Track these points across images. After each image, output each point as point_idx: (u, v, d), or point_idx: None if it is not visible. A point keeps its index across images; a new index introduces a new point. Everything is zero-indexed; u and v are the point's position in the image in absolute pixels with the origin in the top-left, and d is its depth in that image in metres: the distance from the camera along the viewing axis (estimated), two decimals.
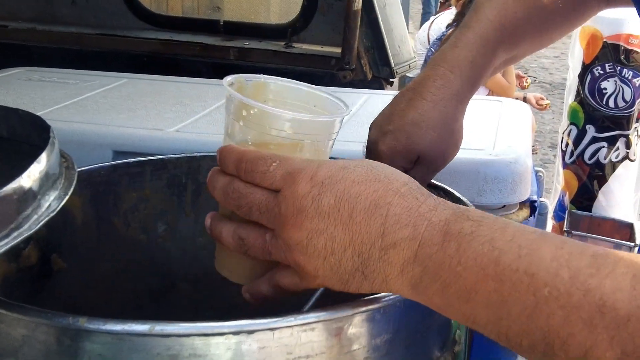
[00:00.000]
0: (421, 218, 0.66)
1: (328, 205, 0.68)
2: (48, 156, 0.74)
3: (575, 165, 3.01)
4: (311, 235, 0.68)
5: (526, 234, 0.63)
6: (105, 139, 1.44)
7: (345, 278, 0.69)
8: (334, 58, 2.26)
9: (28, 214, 0.69)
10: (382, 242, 0.67)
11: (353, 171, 0.70)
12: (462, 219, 0.65)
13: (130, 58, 2.53)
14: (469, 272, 0.62)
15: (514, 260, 0.61)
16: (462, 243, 0.64)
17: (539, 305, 0.59)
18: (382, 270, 0.67)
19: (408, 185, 0.70)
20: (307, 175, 0.69)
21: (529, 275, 0.60)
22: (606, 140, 2.95)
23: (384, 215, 0.67)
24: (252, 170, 0.72)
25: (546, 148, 6.06)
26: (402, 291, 0.68)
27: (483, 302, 0.62)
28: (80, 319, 0.68)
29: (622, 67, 2.88)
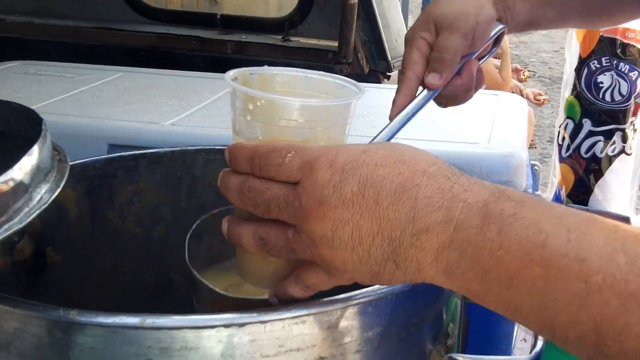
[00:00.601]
0: (455, 199, 0.62)
1: (351, 192, 0.64)
2: (40, 149, 0.74)
3: (571, 159, 3.00)
4: (336, 226, 0.64)
5: (575, 216, 0.59)
6: (100, 133, 1.44)
7: (376, 269, 0.65)
8: (330, 52, 2.26)
9: (19, 207, 0.69)
10: (413, 228, 0.63)
11: (375, 154, 0.66)
12: (503, 200, 0.61)
13: (127, 52, 2.53)
14: (512, 256, 0.59)
15: (562, 244, 0.57)
16: (504, 226, 0.59)
17: (590, 293, 0.55)
18: (415, 258, 0.63)
19: (437, 164, 0.65)
20: (325, 162, 0.65)
21: (579, 261, 0.56)
22: (602, 134, 2.94)
23: (413, 198, 0.63)
24: (266, 164, 0.68)
25: (545, 142, 6.05)
26: (436, 279, 0.64)
27: (527, 289, 0.58)
28: (72, 312, 0.68)
29: (619, 61, 2.87)
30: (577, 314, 0.56)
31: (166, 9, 2.77)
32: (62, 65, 1.96)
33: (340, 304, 0.71)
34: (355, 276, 0.67)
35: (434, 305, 0.83)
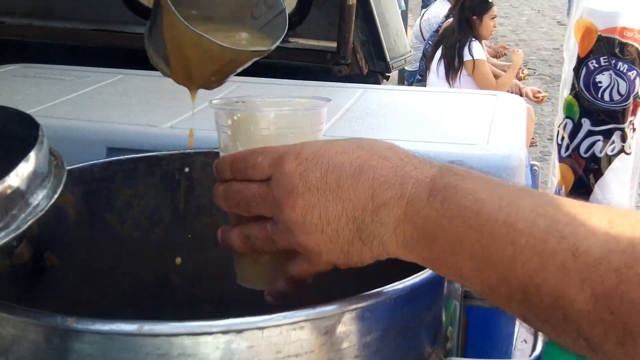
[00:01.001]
0: (407, 176, 0.68)
1: (315, 179, 0.70)
2: (37, 155, 0.74)
3: (571, 159, 3.00)
4: (305, 211, 0.70)
5: (508, 187, 0.65)
6: (98, 136, 1.44)
7: (346, 248, 0.71)
8: (329, 52, 2.26)
9: (16, 214, 0.69)
10: (373, 204, 0.69)
11: (335, 143, 0.73)
12: (448, 174, 0.67)
13: (126, 53, 2.52)
14: (453, 224, 0.64)
15: (494, 211, 0.62)
16: (447, 196, 0.65)
17: (516, 253, 0.60)
18: (377, 233, 0.69)
19: (392, 149, 0.72)
20: (292, 156, 0.72)
21: (507, 225, 0.61)
22: (602, 134, 2.94)
23: (370, 178, 0.69)
24: (243, 167, 0.75)
25: (545, 140, 6.06)
26: (398, 252, 0.69)
27: (467, 253, 0.64)
28: (69, 319, 0.68)
29: (617, 60, 2.86)
30: (506, 273, 0.61)
31: None
32: (61, 68, 1.96)
33: (337, 309, 0.71)
34: (330, 258, 0.72)
35: (432, 308, 0.83)
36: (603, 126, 2.88)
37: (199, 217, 1.18)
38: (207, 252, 1.19)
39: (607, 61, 2.82)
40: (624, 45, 2.82)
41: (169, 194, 1.20)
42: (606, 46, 2.82)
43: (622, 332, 0.55)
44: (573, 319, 0.58)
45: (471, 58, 5.04)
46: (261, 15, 0.93)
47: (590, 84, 2.86)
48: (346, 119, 1.57)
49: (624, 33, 2.79)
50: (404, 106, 1.75)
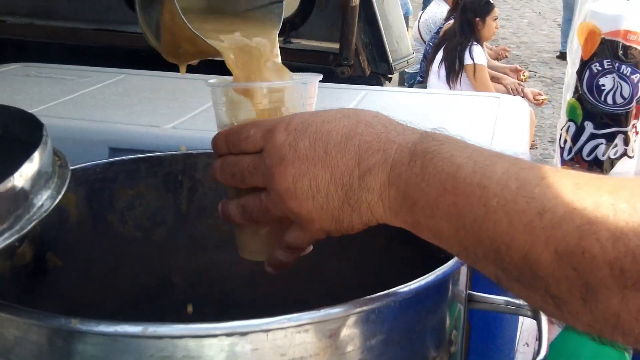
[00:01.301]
0: (390, 142, 0.71)
1: (304, 147, 0.73)
2: (41, 155, 0.74)
3: (573, 162, 2.99)
4: (296, 179, 0.73)
5: (484, 152, 0.67)
6: (101, 136, 1.44)
7: (337, 214, 0.73)
8: (332, 54, 2.26)
9: (20, 214, 0.69)
10: (359, 170, 0.71)
11: (323, 114, 0.75)
12: (428, 140, 0.69)
13: (127, 53, 2.52)
14: (431, 187, 0.67)
15: (468, 174, 0.64)
16: (425, 161, 0.67)
17: (488, 214, 0.62)
18: (365, 198, 0.72)
19: (377, 117, 0.74)
20: (282, 127, 0.75)
21: (481, 188, 0.63)
22: (604, 137, 2.93)
23: (356, 145, 0.72)
24: (237, 140, 0.79)
25: (546, 143, 6.06)
26: (385, 216, 0.72)
27: (444, 216, 0.66)
28: (73, 320, 0.67)
29: (621, 63, 2.86)
30: (479, 233, 0.63)
31: None
32: (62, 67, 1.95)
33: (342, 311, 0.71)
34: (323, 225, 0.75)
35: (437, 311, 0.82)
36: (606, 129, 2.88)
37: (201, 219, 1.18)
38: (209, 254, 1.19)
39: (611, 64, 2.81)
40: (627, 48, 2.81)
41: (171, 194, 1.19)
42: (610, 49, 2.81)
43: (584, 289, 0.57)
44: (540, 276, 0.59)
45: (472, 62, 5.03)
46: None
47: (594, 86, 2.85)
48: None
49: (628, 36, 2.79)
50: (407, 108, 1.75)
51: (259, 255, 0.87)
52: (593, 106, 2.94)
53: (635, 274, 0.54)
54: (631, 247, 0.54)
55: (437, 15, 6.30)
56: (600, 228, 0.56)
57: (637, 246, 0.54)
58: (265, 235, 0.85)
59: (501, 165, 0.64)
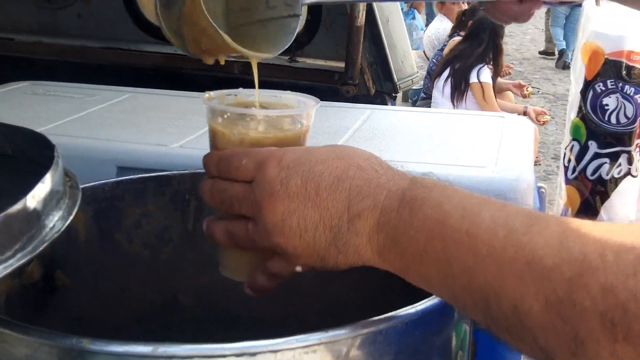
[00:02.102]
0: (380, 188, 0.71)
1: (295, 185, 0.73)
2: (52, 176, 0.75)
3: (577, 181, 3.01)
4: (285, 216, 0.73)
5: (472, 198, 0.67)
6: (109, 155, 1.45)
7: (322, 254, 0.74)
8: (337, 73, 2.27)
9: (32, 234, 0.70)
10: (349, 214, 0.72)
11: (316, 152, 0.76)
12: (417, 187, 0.70)
13: (134, 71, 2.54)
14: (420, 234, 0.67)
15: (457, 221, 0.65)
16: (414, 207, 0.68)
17: (477, 262, 0.62)
18: (352, 242, 0.72)
19: (369, 160, 0.75)
20: (274, 161, 0.75)
21: (469, 235, 0.63)
22: (608, 156, 2.95)
23: (347, 188, 0.72)
24: (228, 167, 0.79)
25: (549, 159, 6.05)
26: (372, 260, 0.72)
27: (433, 263, 0.66)
28: (84, 340, 0.68)
29: (624, 83, 2.88)
30: (469, 281, 0.63)
31: None
32: (70, 85, 1.97)
33: (350, 332, 0.72)
34: (308, 261, 0.76)
35: (443, 332, 0.83)
36: (610, 149, 2.90)
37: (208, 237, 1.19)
38: (216, 272, 1.19)
39: (614, 84, 2.83)
40: (631, 68, 2.83)
41: (178, 213, 1.20)
42: (613, 69, 2.83)
43: (573, 341, 0.56)
44: (529, 327, 0.59)
45: (477, 81, 5.03)
46: (276, 6, 0.94)
47: (597, 106, 2.87)
48: (355, 139, 1.58)
49: (631, 56, 2.81)
50: (412, 127, 1.75)
51: (240, 275, 0.87)
52: (597, 126, 2.96)
53: (625, 327, 0.53)
54: (621, 300, 0.53)
55: (441, 31, 6.32)
56: (589, 280, 0.55)
57: (627, 299, 0.53)
58: (247, 258, 0.85)
59: (489, 211, 0.64)
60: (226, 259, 0.89)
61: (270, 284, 0.83)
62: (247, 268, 0.85)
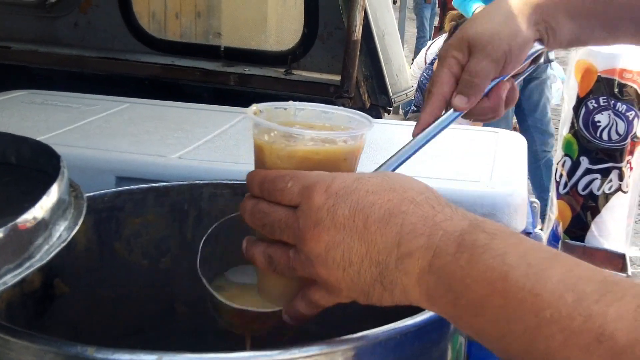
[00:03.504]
0: (436, 227, 0.66)
1: (343, 216, 0.68)
2: (59, 186, 0.76)
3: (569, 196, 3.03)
4: (329, 247, 0.69)
5: (540, 252, 0.62)
6: (108, 165, 1.46)
7: (366, 289, 0.69)
8: (332, 85, 2.28)
9: (40, 244, 0.71)
10: (398, 252, 0.67)
11: (367, 181, 0.71)
12: (478, 231, 0.65)
13: (131, 81, 2.55)
14: (478, 285, 0.62)
15: (521, 277, 0.59)
16: (474, 255, 0.63)
17: (540, 326, 0.57)
18: (400, 281, 0.67)
19: (424, 194, 0.70)
20: (322, 187, 0.70)
21: (533, 295, 0.58)
22: (600, 172, 2.97)
23: (399, 224, 0.67)
24: (272, 189, 0.74)
25: None
26: (420, 302, 0.68)
27: (490, 318, 0.61)
28: (89, 349, 0.69)
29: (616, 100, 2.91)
30: (529, 344, 0.58)
31: (171, 40, 2.80)
32: (68, 95, 1.97)
33: (350, 344, 0.73)
34: (350, 294, 0.71)
35: (440, 344, 0.84)
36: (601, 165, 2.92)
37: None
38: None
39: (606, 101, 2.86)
40: (623, 86, 2.86)
41: (177, 224, 1.21)
42: (605, 86, 2.86)
43: None
44: None
45: None
46: None
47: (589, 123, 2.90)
48: None
49: (624, 74, 2.84)
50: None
51: (277, 301, 0.83)
52: (589, 142, 2.99)
53: None
54: None
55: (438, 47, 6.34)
56: None
57: None
58: (288, 284, 0.81)
59: (557, 270, 0.59)
60: (264, 283, 0.85)
61: (309, 312, 0.78)
62: (286, 295, 0.81)
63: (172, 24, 2.95)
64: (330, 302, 0.75)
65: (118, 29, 2.68)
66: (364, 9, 2.13)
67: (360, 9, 2.09)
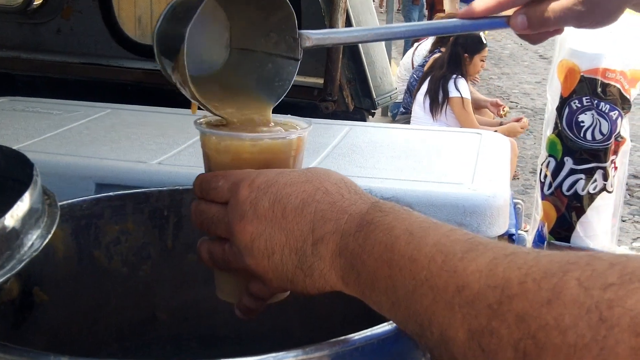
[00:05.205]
0: (342, 212, 0.72)
1: (263, 207, 0.74)
2: (31, 195, 0.75)
3: (553, 197, 3.03)
4: (254, 237, 0.74)
5: (423, 222, 0.66)
6: (88, 172, 1.45)
7: (290, 277, 0.74)
8: (316, 89, 2.27)
9: (11, 254, 0.70)
10: (312, 238, 0.72)
11: (288, 175, 0.76)
12: (375, 210, 0.70)
13: (114, 87, 2.54)
14: (371, 259, 0.67)
15: (402, 246, 0.64)
16: (368, 232, 0.68)
17: (416, 288, 0.61)
18: (317, 266, 0.72)
19: (337, 184, 0.75)
20: (246, 183, 0.76)
21: (411, 261, 0.63)
22: (584, 172, 2.98)
23: (312, 212, 0.73)
24: (207, 189, 0.81)
25: (527, 173, 6.09)
26: (337, 285, 0.72)
27: (383, 289, 0.65)
28: (62, 358, 0.68)
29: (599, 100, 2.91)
30: (409, 307, 0.62)
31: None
32: (50, 101, 1.97)
33: (327, 349, 0.72)
34: (280, 284, 0.76)
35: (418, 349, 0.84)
36: (585, 165, 2.93)
37: (187, 254, 1.19)
38: (195, 290, 1.20)
39: (590, 101, 2.87)
40: (606, 85, 2.87)
41: (157, 230, 1.20)
42: (589, 86, 2.87)
43: None
44: (455, 355, 0.58)
45: (459, 95, 5.07)
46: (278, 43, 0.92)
47: (573, 123, 2.90)
48: (333, 156, 1.59)
49: (606, 74, 2.85)
50: (390, 144, 1.77)
51: (231, 297, 0.88)
52: (573, 142, 2.99)
53: (535, 358, 0.51)
54: (533, 329, 0.51)
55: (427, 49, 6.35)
56: (508, 308, 0.53)
57: (538, 328, 0.51)
58: (235, 279, 0.86)
59: (434, 236, 0.63)
60: (218, 280, 0.90)
61: (255, 305, 0.83)
62: (237, 290, 0.86)
63: None
64: (267, 293, 0.80)
65: (100, 34, 2.67)
66: (346, 12, 2.13)
67: (342, 11, 2.09)
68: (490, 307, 0.55)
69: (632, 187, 5.51)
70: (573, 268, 0.52)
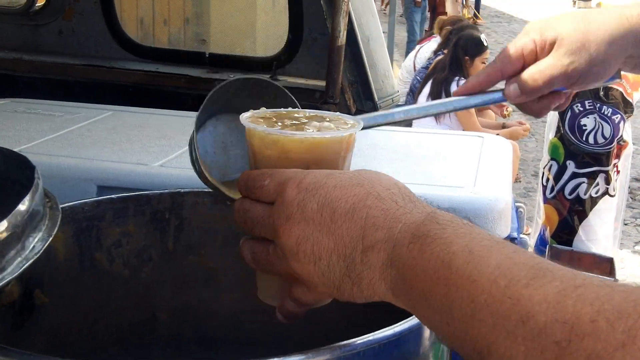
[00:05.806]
0: (396, 220, 0.67)
1: (311, 210, 0.70)
2: (32, 198, 0.75)
3: (556, 200, 3.03)
4: (300, 241, 0.70)
5: (483, 240, 0.63)
6: (89, 174, 1.45)
7: (337, 283, 0.70)
8: (318, 91, 2.27)
9: (12, 257, 0.70)
10: (363, 245, 0.68)
11: (337, 177, 0.72)
12: (432, 222, 0.66)
13: (115, 89, 2.54)
14: (425, 274, 0.63)
15: (461, 265, 0.60)
16: (424, 245, 0.64)
17: (475, 312, 0.58)
18: (366, 275, 0.68)
19: (391, 190, 0.71)
20: (294, 183, 0.72)
21: (471, 281, 0.59)
22: (586, 176, 2.98)
23: (362, 218, 0.68)
24: (253, 187, 0.76)
25: (529, 176, 6.09)
26: (387, 296, 0.68)
27: (437, 307, 0.62)
28: None
29: (602, 104, 2.91)
30: (466, 330, 0.59)
31: (155, 47, 2.79)
32: (51, 103, 1.96)
33: (328, 353, 0.72)
34: (325, 290, 0.72)
35: (420, 353, 0.84)
36: (587, 168, 2.93)
37: (188, 256, 1.19)
38: (195, 291, 1.20)
39: (592, 105, 2.87)
40: (608, 89, 2.87)
41: (158, 233, 1.20)
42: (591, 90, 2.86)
43: None
44: None
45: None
46: None
47: (575, 127, 2.90)
48: None
49: None
50: (391, 147, 1.76)
51: (273, 300, 0.84)
52: (575, 146, 3.00)
53: None
54: None
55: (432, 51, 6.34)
56: (577, 347, 0.51)
57: None
58: (278, 282, 0.82)
59: (496, 257, 0.60)
60: (259, 282, 0.86)
61: (297, 310, 0.79)
62: (279, 292, 0.82)
63: (160, 30, 2.95)
64: (311, 298, 0.77)
65: (102, 36, 2.67)
66: (348, 14, 2.13)
67: (344, 14, 2.08)
68: (558, 344, 0.52)
69: (634, 191, 5.51)
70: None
